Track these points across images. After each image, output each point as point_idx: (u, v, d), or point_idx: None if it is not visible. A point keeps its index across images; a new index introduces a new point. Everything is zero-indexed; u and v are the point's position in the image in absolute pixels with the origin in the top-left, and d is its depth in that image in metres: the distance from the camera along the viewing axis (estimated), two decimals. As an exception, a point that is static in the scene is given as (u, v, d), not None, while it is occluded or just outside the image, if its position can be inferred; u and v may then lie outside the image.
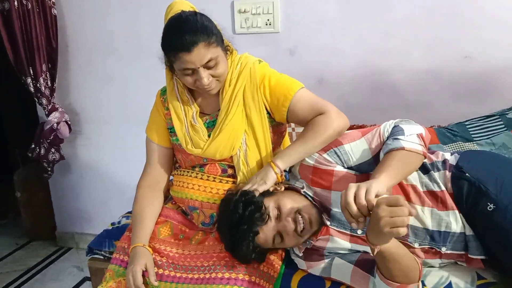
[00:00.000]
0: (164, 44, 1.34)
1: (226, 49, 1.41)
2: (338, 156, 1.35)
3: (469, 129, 1.89)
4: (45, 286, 2.50)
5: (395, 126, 1.34)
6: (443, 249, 1.27)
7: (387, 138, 1.32)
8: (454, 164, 1.33)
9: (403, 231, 0.97)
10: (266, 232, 1.27)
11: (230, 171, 1.45)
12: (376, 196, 1.03)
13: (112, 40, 2.47)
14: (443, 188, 1.29)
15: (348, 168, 1.35)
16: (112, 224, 1.75)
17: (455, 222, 1.26)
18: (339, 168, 1.34)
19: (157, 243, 1.43)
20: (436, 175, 1.32)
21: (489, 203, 1.21)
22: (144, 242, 1.40)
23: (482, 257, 1.25)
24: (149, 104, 1.62)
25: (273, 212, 1.28)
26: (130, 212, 1.82)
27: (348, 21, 2.10)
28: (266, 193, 1.33)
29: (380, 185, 1.07)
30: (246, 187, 1.34)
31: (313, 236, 1.35)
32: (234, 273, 1.29)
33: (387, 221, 0.97)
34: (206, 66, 1.32)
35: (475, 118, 1.91)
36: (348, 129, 1.44)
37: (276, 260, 1.39)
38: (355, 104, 2.16)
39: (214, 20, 1.37)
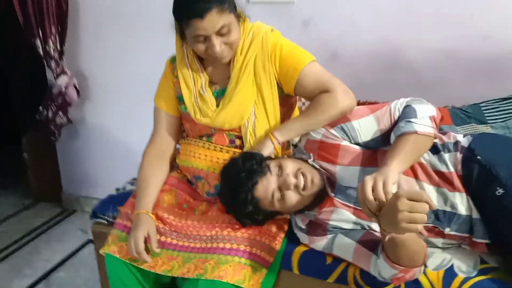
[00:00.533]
0: (176, 11, 1.32)
1: (239, 16, 1.37)
2: (345, 132, 1.34)
3: (484, 111, 1.84)
4: (50, 246, 2.53)
5: (406, 106, 1.31)
6: (447, 230, 1.25)
7: (399, 118, 1.30)
8: (466, 146, 1.30)
9: (420, 228, 0.95)
10: (266, 185, 1.26)
11: (237, 141, 1.44)
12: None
13: (123, 5, 2.40)
14: (452, 169, 1.27)
15: (355, 143, 1.34)
16: (117, 189, 1.75)
17: (461, 203, 1.24)
18: (345, 143, 1.33)
19: (160, 211, 1.42)
20: (446, 156, 1.29)
21: (498, 188, 1.18)
22: (148, 209, 1.40)
23: (487, 241, 1.23)
24: (159, 73, 1.60)
25: (274, 169, 1.28)
26: (135, 179, 1.81)
27: (367, -7, 2.02)
28: (269, 157, 1.34)
29: (394, 174, 1.07)
30: None
31: (317, 207, 1.34)
32: (236, 244, 1.29)
33: (405, 216, 0.94)
34: (219, 33, 1.29)
35: (490, 100, 1.85)
36: (359, 105, 1.41)
37: (278, 233, 1.38)
38: (369, 81, 2.10)
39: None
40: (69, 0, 2.40)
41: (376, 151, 1.33)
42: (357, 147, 1.33)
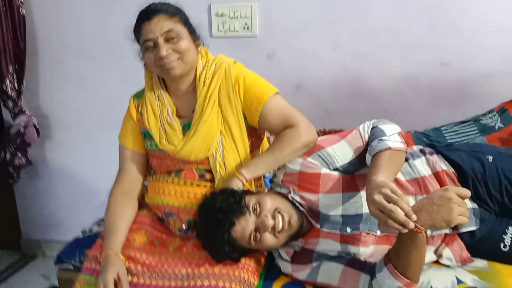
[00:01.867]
0: (134, 26, 1.37)
1: (196, 40, 1.41)
2: (322, 159, 1.37)
3: (445, 134, 1.91)
4: (10, 297, 2.38)
5: (374, 127, 1.38)
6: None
7: (369, 139, 1.35)
8: (429, 151, 1.44)
9: (466, 221, 1.06)
10: (244, 226, 1.24)
11: (208, 175, 1.42)
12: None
13: (84, 41, 2.37)
14: (424, 173, 1.37)
15: (334, 169, 1.37)
16: (83, 231, 1.67)
17: None
18: (325, 171, 1.36)
19: (132, 251, 1.36)
20: (415, 162, 1.39)
21: (487, 156, 1.38)
22: (116, 250, 1.34)
23: (473, 228, 1.33)
24: (123, 107, 1.55)
25: (253, 207, 1.26)
26: (102, 219, 1.74)
27: (328, 26, 2.08)
28: (249, 192, 1.33)
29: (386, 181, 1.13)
30: None
31: (302, 238, 1.34)
32: (214, 281, 1.25)
33: (457, 208, 1.04)
34: (167, 39, 1.32)
35: (450, 124, 1.93)
36: (326, 134, 1.47)
37: (256, 267, 1.35)
38: (334, 110, 2.16)
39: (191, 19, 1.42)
40: (27, 38, 2.34)
41: (354, 176, 1.36)
42: (336, 174, 1.36)
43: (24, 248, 2.80)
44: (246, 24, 2.15)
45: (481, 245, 1.34)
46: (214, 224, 1.24)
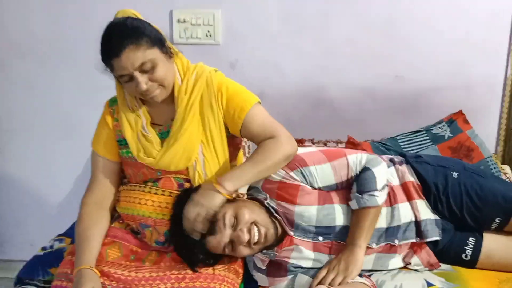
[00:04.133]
0: (101, 54, 1.30)
1: (168, 52, 1.35)
2: (304, 176, 1.37)
3: (401, 144, 2.02)
4: None
5: (366, 169, 1.35)
6: (396, 242, 1.37)
7: (359, 181, 1.35)
8: (401, 159, 1.51)
9: None
10: (219, 239, 1.26)
11: (187, 185, 1.38)
12: None
13: (32, 42, 2.22)
14: (393, 182, 1.43)
15: (312, 187, 1.39)
16: (43, 249, 1.56)
17: (404, 214, 1.39)
18: (304, 185, 1.37)
19: (106, 266, 1.29)
20: None
21: (453, 172, 1.45)
22: (91, 264, 1.27)
23: (437, 238, 1.39)
24: (76, 114, 1.46)
25: (230, 220, 1.26)
26: (62, 235, 1.65)
27: (290, 37, 2.12)
28: (227, 200, 1.30)
29: (360, 261, 1.28)
30: None
31: (277, 247, 1.34)
32: (196, 295, 1.22)
33: None
34: (142, 70, 1.26)
35: (405, 133, 2.04)
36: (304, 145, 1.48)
37: (235, 280, 1.34)
38: (295, 119, 2.19)
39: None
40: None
41: (329, 193, 1.40)
42: (314, 189, 1.39)
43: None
44: (209, 31, 2.13)
45: (443, 254, 1.42)
46: (189, 239, 1.26)
